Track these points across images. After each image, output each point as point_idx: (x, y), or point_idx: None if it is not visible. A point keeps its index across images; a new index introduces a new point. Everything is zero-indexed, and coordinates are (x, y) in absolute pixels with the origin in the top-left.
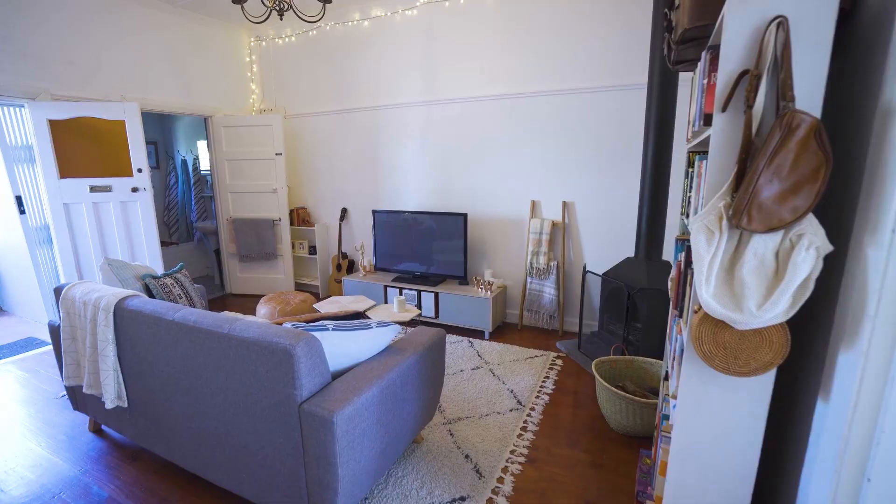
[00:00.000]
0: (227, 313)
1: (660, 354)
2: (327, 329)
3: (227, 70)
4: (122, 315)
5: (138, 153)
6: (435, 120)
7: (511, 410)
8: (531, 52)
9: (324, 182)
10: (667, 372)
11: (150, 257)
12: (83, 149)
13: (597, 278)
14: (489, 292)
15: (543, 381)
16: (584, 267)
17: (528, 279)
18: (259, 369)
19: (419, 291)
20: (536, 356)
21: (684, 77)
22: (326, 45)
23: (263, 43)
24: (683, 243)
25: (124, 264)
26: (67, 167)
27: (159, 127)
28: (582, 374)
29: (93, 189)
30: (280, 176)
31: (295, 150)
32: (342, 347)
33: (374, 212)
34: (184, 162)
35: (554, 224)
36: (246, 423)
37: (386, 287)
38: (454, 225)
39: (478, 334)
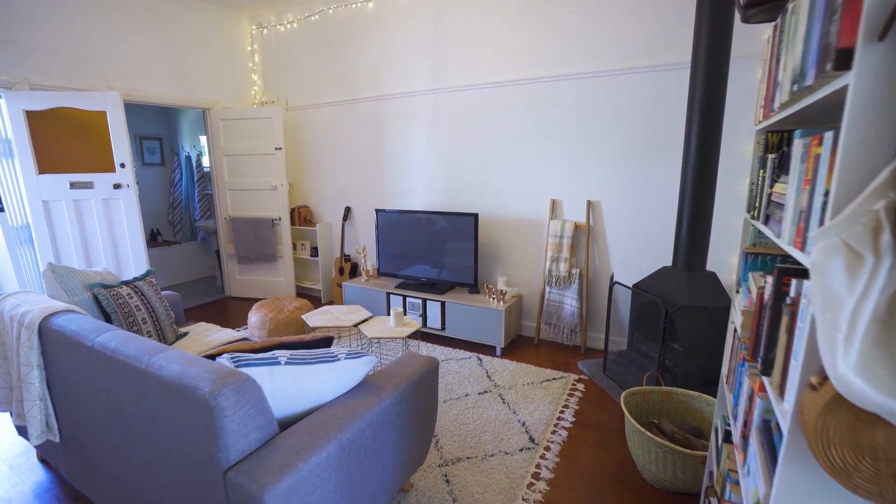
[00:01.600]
0: (154, 342)
1: (702, 384)
2: (278, 363)
3: (227, 60)
4: (46, 335)
5: (121, 147)
6: (444, 110)
7: (521, 450)
8: (551, 29)
9: (327, 179)
10: (727, 430)
11: (135, 259)
12: (63, 142)
13: (626, 290)
14: (502, 303)
15: (561, 412)
16: (612, 276)
17: (547, 288)
18: (179, 418)
19: (424, 300)
20: (554, 378)
21: (738, 52)
22: (329, 31)
23: (265, 31)
24: (758, 260)
25: (71, 271)
26: (46, 162)
27: (164, 122)
28: (607, 403)
29: (73, 185)
30: (280, 172)
31: (297, 145)
32: (298, 386)
33: (377, 211)
34: (188, 158)
35: (577, 226)
36: (170, 484)
37: (389, 294)
38: (464, 226)
39: (488, 350)
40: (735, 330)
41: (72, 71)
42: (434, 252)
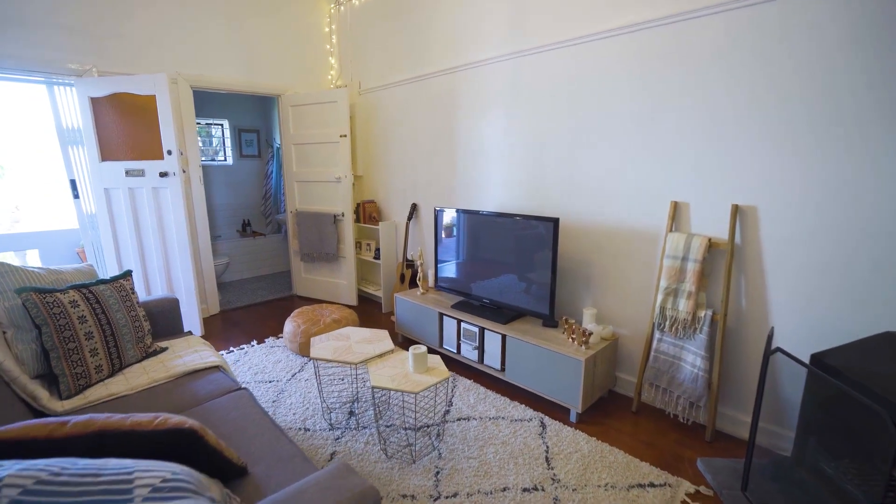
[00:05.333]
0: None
1: None
2: None
3: (302, 43)
4: None
5: (168, 132)
6: (524, 80)
7: None
8: None
9: (395, 171)
10: None
11: (180, 252)
12: (122, 128)
13: (796, 363)
14: (584, 346)
15: None
16: (770, 333)
17: (657, 334)
18: None
19: (482, 329)
20: (653, 484)
21: None
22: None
23: (342, 7)
24: None
25: (12, 269)
26: (108, 149)
27: (262, 114)
28: None
29: (128, 173)
30: (344, 163)
31: (368, 133)
32: None
33: (436, 210)
34: (279, 150)
35: (712, 244)
36: None
37: (442, 316)
38: (540, 236)
39: (560, 412)
40: None
41: (139, 57)
42: (502, 266)
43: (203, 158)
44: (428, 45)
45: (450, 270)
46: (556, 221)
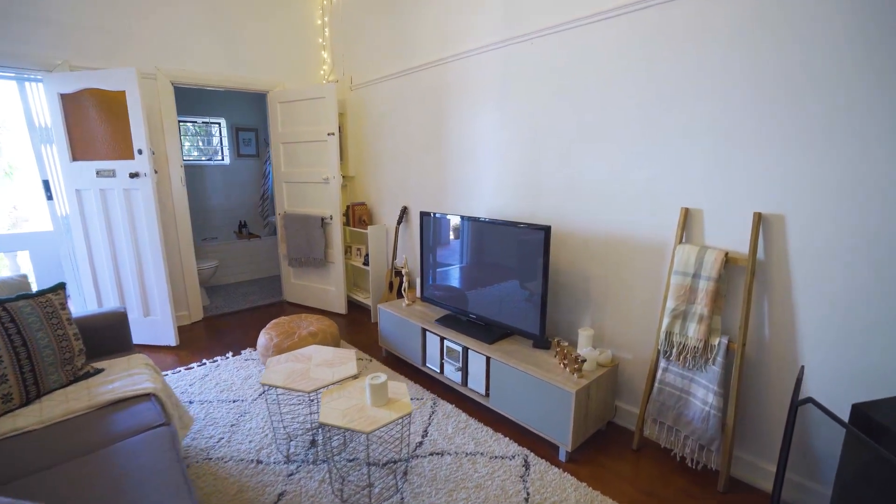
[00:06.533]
0: None
1: None
2: None
3: (294, 36)
4: None
5: (139, 130)
6: (517, 70)
7: None
8: None
9: (386, 171)
10: None
11: (153, 257)
12: (93, 126)
13: (832, 419)
14: (576, 375)
15: None
16: (800, 374)
17: (662, 362)
18: None
19: (465, 348)
20: None
21: None
22: None
23: None
24: None
25: None
26: (79, 148)
27: (260, 113)
28: None
29: (99, 173)
30: (332, 162)
31: (359, 130)
32: None
33: (421, 215)
34: None
35: (729, 259)
36: None
37: (425, 331)
38: (529, 245)
39: (548, 447)
40: None
41: (115, 51)
42: (491, 278)
43: (204, 158)
44: (418, 35)
45: (436, 281)
46: (547, 230)
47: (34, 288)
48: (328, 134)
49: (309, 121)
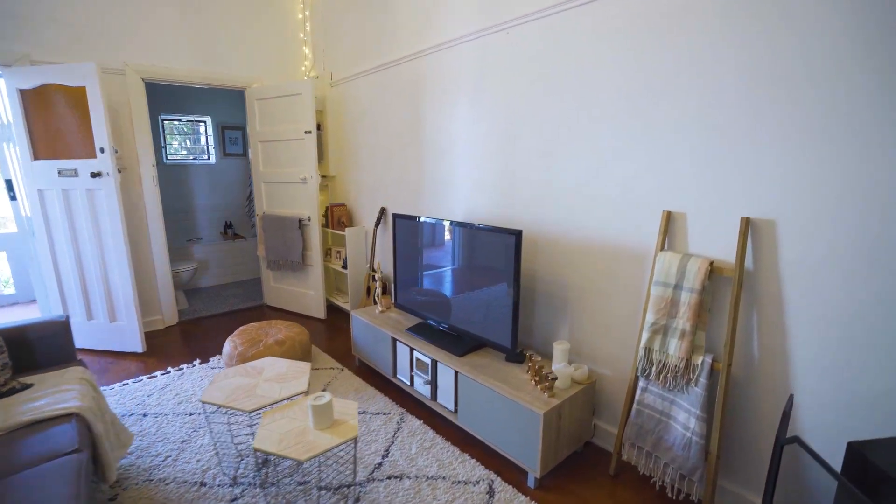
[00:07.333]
0: None
1: None
2: None
3: (274, 30)
4: None
5: (101, 128)
6: (493, 62)
7: None
8: None
9: (367, 171)
10: None
11: (118, 260)
12: (54, 123)
13: (820, 465)
14: (547, 394)
15: None
16: (789, 404)
17: (641, 381)
18: None
19: (434, 361)
20: None
21: None
22: None
23: None
24: None
25: None
26: (41, 146)
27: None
28: None
29: (60, 173)
30: (309, 162)
31: (339, 128)
32: None
33: (394, 217)
34: None
35: (714, 268)
36: None
37: (395, 341)
38: (500, 250)
39: (516, 472)
40: None
41: (79, 45)
42: (463, 285)
43: (191, 157)
44: (397, 27)
45: (408, 287)
46: (518, 234)
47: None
48: (305, 132)
49: (286, 118)
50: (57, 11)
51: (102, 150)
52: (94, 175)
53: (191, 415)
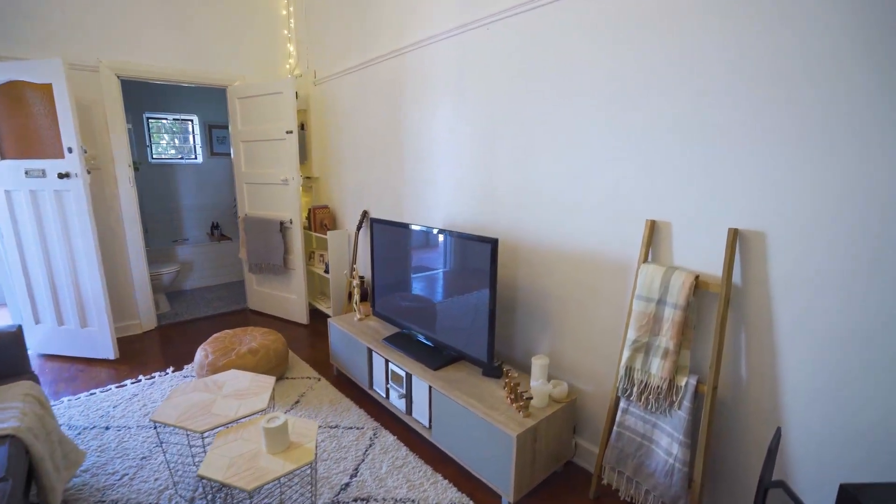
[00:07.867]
0: None
1: None
2: None
3: (257, 27)
4: None
5: (68, 127)
6: (473, 60)
7: None
8: None
9: (349, 173)
10: None
11: (89, 264)
12: (21, 122)
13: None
14: (522, 413)
15: None
16: (776, 437)
17: (622, 402)
18: None
19: (408, 375)
20: None
21: None
22: None
23: None
24: None
25: None
26: (7, 145)
27: None
28: None
29: (28, 173)
30: (291, 162)
31: (322, 128)
32: None
33: (372, 222)
34: None
35: (700, 283)
36: None
37: (370, 351)
38: (476, 259)
39: (489, 496)
40: None
41: (51, 41)
42: (439, 294)
43: (179, 157)
44: (380, 23)
45: (387, 295)
46: (494, 242)
47: None
48: (286, 132)
49: (268, 118)
50: (27, 6)
51: (70, 150)
52: (61, 176)
53: (155, 428)
